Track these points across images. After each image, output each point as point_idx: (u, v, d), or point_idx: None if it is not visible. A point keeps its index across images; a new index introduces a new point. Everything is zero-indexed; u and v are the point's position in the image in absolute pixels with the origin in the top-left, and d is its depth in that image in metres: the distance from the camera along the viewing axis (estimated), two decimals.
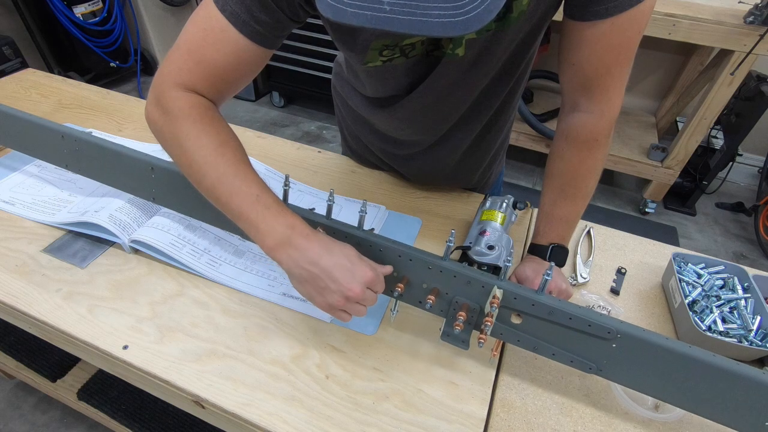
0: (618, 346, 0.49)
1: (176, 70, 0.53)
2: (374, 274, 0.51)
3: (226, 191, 0.51)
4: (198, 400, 0.55)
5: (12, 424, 1.30)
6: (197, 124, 0.52)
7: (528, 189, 2.36)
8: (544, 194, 0.65)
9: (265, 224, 0.50)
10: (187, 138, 0.52)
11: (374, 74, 0.62)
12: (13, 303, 0.63)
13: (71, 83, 1.13)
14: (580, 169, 0.62)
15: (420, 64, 0.59)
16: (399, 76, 0.61)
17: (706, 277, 0.69)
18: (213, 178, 0.51)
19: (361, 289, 0.49)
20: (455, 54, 0.55)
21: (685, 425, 0.56)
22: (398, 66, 0.58)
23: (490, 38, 0.54)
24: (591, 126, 0.59)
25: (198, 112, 0.53)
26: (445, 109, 0.66)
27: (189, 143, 0.52)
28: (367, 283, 0.50)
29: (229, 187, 0.51)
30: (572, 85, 0.59)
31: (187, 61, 0.52)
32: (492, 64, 0.59)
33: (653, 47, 2.30)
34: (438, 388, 0.57)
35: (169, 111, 0.52)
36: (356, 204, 0.83)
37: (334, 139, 2.65)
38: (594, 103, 0.59)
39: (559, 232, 0.64)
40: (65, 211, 0.76)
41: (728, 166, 2.20)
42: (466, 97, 0.64)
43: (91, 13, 2.54)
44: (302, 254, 0.49)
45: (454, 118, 0.69)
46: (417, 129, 0.72)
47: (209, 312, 0.63)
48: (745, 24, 1.61)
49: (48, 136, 0.74)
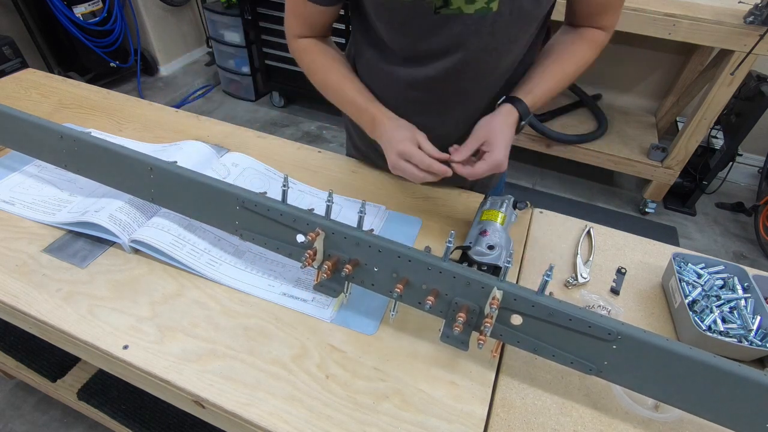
0: (618, 347, 0.49)
1: (289, 26, 0.77)
2: (406, 148, 0.67)
3: (339, 100, 0.78)
4: (198, 400, 0.55)
5: (12, 424, 1.30)
6: (312, 57, 0.78)
7: (528, 189, 2.36)
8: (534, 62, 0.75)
9: (360, 120, 0.77)
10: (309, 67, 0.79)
11: (384, 11, 0.67)
12: (13, 303, 0.63)
13: (71, 83, 1.13)
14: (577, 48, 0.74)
15: (446, 23, 0.64)
16: (414, 22, 0.66)
17: (706, 277, 0.69)
18: (331, 91, 0.78)
19: (394, 157, 0.68)
20: (489, 8, 0.60)
21: (685, 425, 0.56)
22: (406, 5, 0.63)
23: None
24: (593, 32, 0.74)
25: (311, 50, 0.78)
26: (469, 76, 0.72)
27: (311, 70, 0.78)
28: (400, 153, 0.68)
29: (341, 97, 0.77)
30: (580, 14, 0.73)
31: (291, 19, 0.76)
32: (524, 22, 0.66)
33: (653, 47, 2.30)
34: (438, 388, 0.57)
35: (298, 51, 0.79)
36: (356, 204, 0.83)
37: (334, 139, 2.65)
38: (600, 22, 0.73)
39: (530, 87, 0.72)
40: (65, 211, 0.76)
41: (728, 166, 2.20)
42: (493, 61, 0.70)
43: (91, 13, 2.54)
44: (381, 130, 0.72)
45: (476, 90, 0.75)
46: (435, 103, 0.77)
47: (209, 312, 0.63)
48: (745, 24, 1.61)
49: (47, 137, 0.74)
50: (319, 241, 0.58)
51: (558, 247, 0.79)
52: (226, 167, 0.86)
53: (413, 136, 0.69)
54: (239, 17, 2.56)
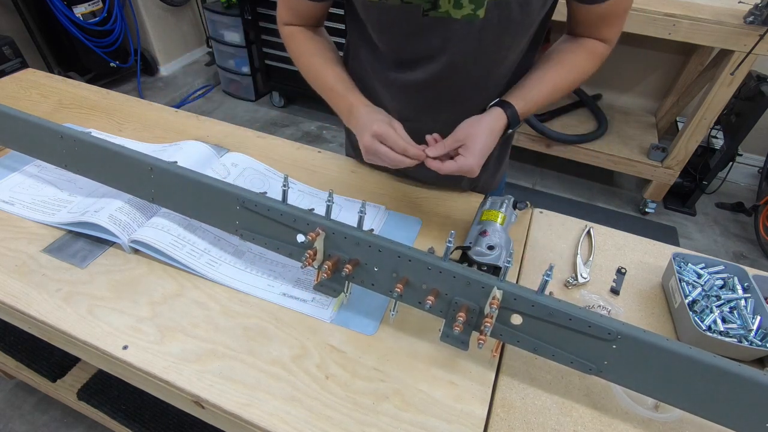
0: (618, 347, 0.49)
1: (281, 14, 0.78)
2: (379, 129, 0.64)
3: (320, 85, 0.76)
4: (198, 400, 0.55)
5: (12, 424, 1.30)
6: (297, 42, 0.78)
7: (528, 189, 2.36)
8: (533, 67, 0.73)
9: (337, 107, 0.75)
10: (294, 52, 0.79)
11: (373, 11, 0.66)
12: (12, 303, 0.63)
13: (71, 83, 1.13)
14: (576, 58, 0.72)
15: (433, 26, 0.64)
16: (402, 23, 0.65)
17: (706, 277, 0.69)
18: (311, 77, 0.77)
19: (368, 139, 0.65)
20: (476, 15, 0.60)
21: (685, 425, 0.56)
22: (393, 8, 0.63)
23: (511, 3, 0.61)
24: (594, 43, 0.71)
25: (297, 36, 0.78)
26: (457, 83, 0.71)
27: (296, 55, 0.79)
28: (374, 134, 0.64)
29: (321, 83, 0.75)
30: (581, 24, 0.71)
31: (282, 8, 0.77)
32: (512, 30, 0.65)
33: (653, 47, 2.30)
34: (438, 388, 0.57)
35: (284, 38, 0.80)
36: (356, 204, 0.83)
37: (334, 139, 2.65)
38: (601, 33, 0.71)
39: (523, 93, 0.70)
40: (65, 211, 0.76)
41: (728, 166, 2.20)
42: (479, 69, 0.69)
43: (91, 13, 2.54)
44: (356, 117, 0.70)
45: (464, 95, 0.74)
46: (424, 107, 0.76)
47: (209, 312, 0.63)
48: (745, 24, 1.61)
49: (47, 137, 0.74)
50: (319, 241, 0.58)
51: (558, 247, 0.79)
52: (225, 167, 0.86)
53: (389, 120, 0.67)
54: (239, 17, 2.56)
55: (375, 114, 0.68)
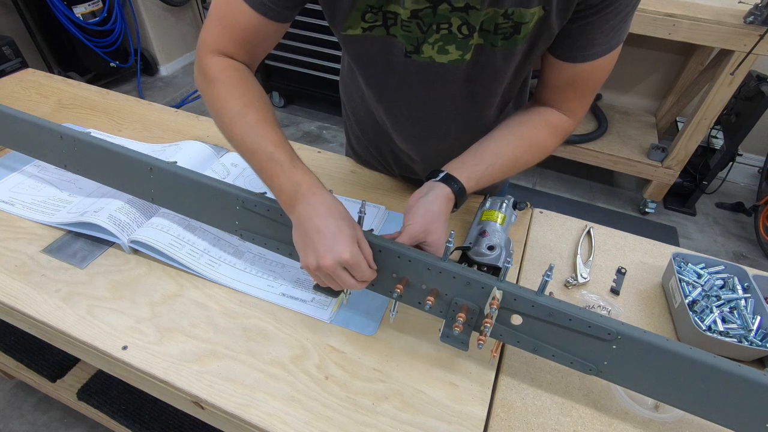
0: (618, 347, 0.49)
1: (209, 35, 0.58)
2: (351, 259, 0.49)
3: (248, 149, 0.56)
4: (197, 400, 0.55)
5: (12, 424, 1.30)
6: (225, 87, 0.57)
7: (528, 189, 2.35)
8: (489, 134, 0.66)
9: (276, 182, 0.54)
10: (217, 100, 0.57)
11: (355, 46, 0.61)
12: (12, 303, 0.63)
13: (71, 83, 1.13)
14: (537, 135, 0.65)
15: (416, 68, 0.61)
16: (382, 54, 0.60)
17: (706, 277, 0.69)
18: (238, 137, 0.56)
19: (333, 263, 0.49)
20: (463, 59, 0.57)
21: (685, 425, 0.55)
22: (377, 40, 0.58)
23: (497, 52, 0.57)
24: (559, 118, 0.65)
25: (227, 75, 0.58)
26: (434, 117, 0.68)
27: (219, 105, 0.57)
28: (342, 262, 0.50)
29: (249, 146, 0.55)
30: (546, 88, 0.65)
31: (217, 27, 0.58)
32: (492, 77, 0.62)
33: (653, 47, 2.30)
34: (438, 389, 0.57)
35: (206, 75, 0.58)
36: (356, 204, 0.83)
37: (334, 139, 2.65)
38: (565, 105, 0.65)
39: (476, 171, 0.62)
40: (64, 212, 0.76)
41: (728, 166, 2.20)
42: (455, 108, 0.66)
43: (91, 13, 2.54)
44: (304, 207, 0.52)
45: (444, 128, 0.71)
46: (409, 132, 0.73)
47: (209, 312, 0.63)
48: (745, 24, 1.61)
49: (47, 137, 0.74)
50: None
51: (558, 247, 0.79)
52: (225, 167, 0.86)
53: (353, 233, 0.51)
54: None
55: (337, 222, 0.51)
